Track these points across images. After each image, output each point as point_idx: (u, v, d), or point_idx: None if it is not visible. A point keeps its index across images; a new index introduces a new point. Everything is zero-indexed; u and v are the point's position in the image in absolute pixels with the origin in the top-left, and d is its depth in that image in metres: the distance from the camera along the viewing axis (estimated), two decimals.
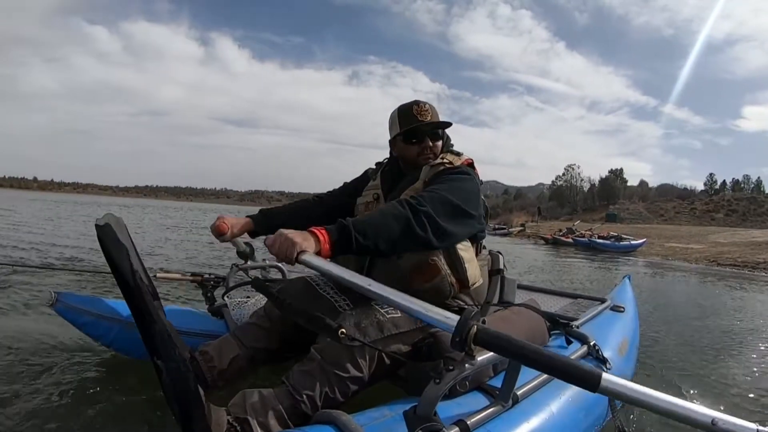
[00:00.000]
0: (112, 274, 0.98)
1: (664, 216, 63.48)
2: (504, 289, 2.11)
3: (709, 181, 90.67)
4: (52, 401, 1.99)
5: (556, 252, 19.26)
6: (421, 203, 1.57)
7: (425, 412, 1.17)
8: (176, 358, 1.05)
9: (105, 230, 0.96)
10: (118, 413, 1.94)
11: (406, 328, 1.59)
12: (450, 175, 1.78)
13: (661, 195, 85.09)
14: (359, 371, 1.49)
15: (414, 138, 1.90)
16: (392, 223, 1.51)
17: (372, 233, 1.48)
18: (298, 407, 1.40)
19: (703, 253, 18.79)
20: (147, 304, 1.01)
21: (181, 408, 1.11)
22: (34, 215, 16.30)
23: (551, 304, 2.88)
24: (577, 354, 1.89)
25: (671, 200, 74.13)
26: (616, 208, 69.08)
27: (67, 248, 7.46)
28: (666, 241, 26.48)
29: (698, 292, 8.07)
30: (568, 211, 78.40)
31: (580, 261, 14.84)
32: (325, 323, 1.32)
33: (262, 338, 1.79)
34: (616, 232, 25.22)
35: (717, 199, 69.08)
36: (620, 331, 2.49)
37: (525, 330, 1.85)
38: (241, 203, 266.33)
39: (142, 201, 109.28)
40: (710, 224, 51.99)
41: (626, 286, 3.57)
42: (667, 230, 38.16)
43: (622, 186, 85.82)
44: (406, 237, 1.53)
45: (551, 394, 1.61)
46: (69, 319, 2.13)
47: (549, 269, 11.14)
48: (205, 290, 2.67)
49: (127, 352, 2.22)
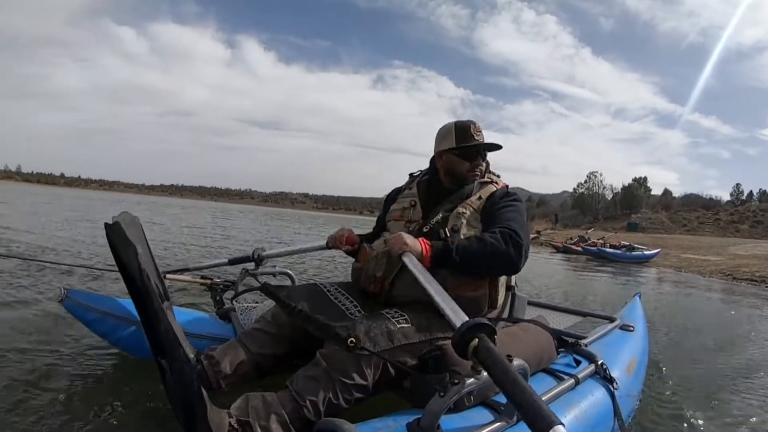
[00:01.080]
0: (120, 272, 0.99)
1: (687, 226, 62.28)
2: (514, 305, 2.12)
3: (735, 191, 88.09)
4: (57, 398, 2.00)
5: (564, 261, 18.76)
6: (519, 237, 1.74)
7: (429, 424, 1.17)
8: (180, 358, 1.05)
9: (114, 229, 0.96)
10: (121, 412, 1.94)
11: (415, 339, 1.59)
12: (513, 202, 1.96)
13: (686, 205, 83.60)
14: (364, 380, 1.48)
15: (468, 155, 2.03)
16: (491, 254, 1.71)
17: (470, 259, 1.71)
18: (301, 412, 1.40)
19: (719, 266, 17.61)
20: (153, 304, 1.01)
21: (183, 408, 1.11)
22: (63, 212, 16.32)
23: (560, 322, 2.86)
24: (585, 373, 1.88)
25: (695, 210, 72.56)
26: (638, 217, 68.05)
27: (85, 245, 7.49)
28: (683, 252, 25.62)
29: (707, 311, 7.77)
30: (590, 219, 77.54)
31: (586, 271, 14.35)
32: (335, 331, 1.33)
33: (268, 344, 1.78)
34: (629, 241, 24.64)
35: (742, 210, 67.60)
36: (629, 350, 2.47)
37: (532, 346, 1.84)
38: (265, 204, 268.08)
39: (167, 199, 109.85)
40: (734, 235, 50.93)
41: (636, 305, 3.54)
42: (685, 240, 37.28)
43: (645, 195, 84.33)
44: (500, 266, 1.79)
45: (558, 412, 1.58)
46: (77, 315, 2.14)
47: (547, 279, 10.64)
48: (214, 294, 2.68)
49: (133, 351, 2.22)
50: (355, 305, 1.77)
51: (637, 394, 2.33)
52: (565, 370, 1.90)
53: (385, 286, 1.87)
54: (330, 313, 1.70)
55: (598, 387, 1.88)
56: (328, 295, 1.84)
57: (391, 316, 1.61)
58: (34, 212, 14.66)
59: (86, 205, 24.84)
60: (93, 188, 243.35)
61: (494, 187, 2.04)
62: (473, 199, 1.99)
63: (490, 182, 2.07)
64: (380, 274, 1.88)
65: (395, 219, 2.08)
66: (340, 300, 1.81)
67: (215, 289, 2.75)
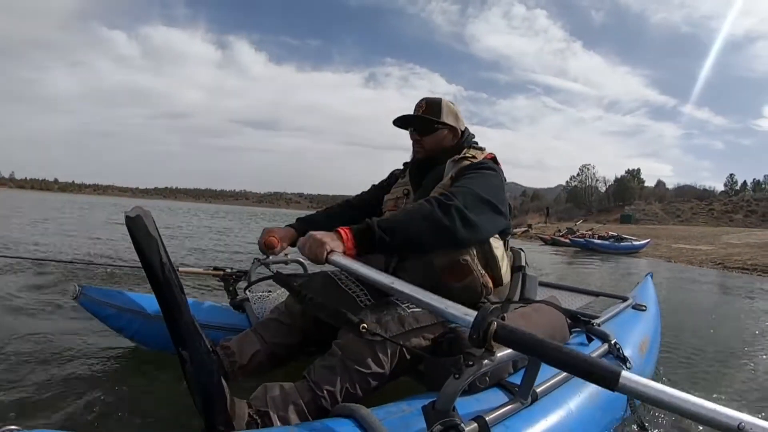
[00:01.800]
0: (142, 266, 1.00)
1: (681, 217, 62.68)
2: (525, 286, 2.11)
3: (729, 181, 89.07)
4: (75, 392, 2.02)
5: (552, 253, 18.14)
6: (449, 198, 1.59)
7: (444, 407, 1.17)
8: (201, 349, 1.07)
9: (136, 222, 0.97)
10: (139, 404, 1.96)
11: (427, 322, 1.59)
12: (476, 170, 1.81)
13: (679, 196, 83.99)
14: (380, 367, 1.49)
15: (403, 126, 2.07)
16: (418, 220, 1.54)
17: (398, 232, 1.52)
18: (319, 402, 1.41)
19: (710, 255, 17.11)
20: (176, 296, 1.02)
21: (203, 398, 1.12)
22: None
23: (572, 302, 2.87)
24: (598, 352, 1.88)
25: (688, 201, 73.12)
26: (631, 209, 68.50)
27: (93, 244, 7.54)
28: (674, 242, 25.36)
29: (694, 301, 7.48)
30: (584, 212, 77.41)
31: (572, 263, 13.93)
32: (346, 318, 1.34)
33: (282, 333, 1.80)
34: (620, 233, 23.90)
35: (736, 200, 67.88)
36: (641, 330, 2.47)
37: (545, 327, 1.84)
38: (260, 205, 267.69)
39: (162, 203, 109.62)
40: (728, 225, 50.90)
41: (648, 284, 3.54)
42: (677, 231, 37.14)
43: (638, 187, 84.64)
44: (434, 233, 1.56)
45: (570, 391, 1.60)
46: (92, 311, 2.17)
47: (532, 272, 10.32)
48: (227, 284, 2.69)
49: (148, 344, 2.25)
50: (365, 293, 1.78)
51: (650, 373, 2.34)
52: (578, 349, 1.91)
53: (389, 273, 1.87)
54: (341, 301, 1.71)
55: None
56: (339, 283, 1.85)
57: (401, 301, 1.61)
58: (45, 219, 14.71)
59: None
60: (87, 193, 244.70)
61: (468, 162, 1.90)
62: (445, 180, 1.88)
63: (464, 158, 1.93)
64: (382, 263, 1.88)
65: (390, 209, 2.08)
66: (351, 288, 1.82)
67: (228, 279, 2.76)
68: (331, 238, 1.47)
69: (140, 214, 0.98)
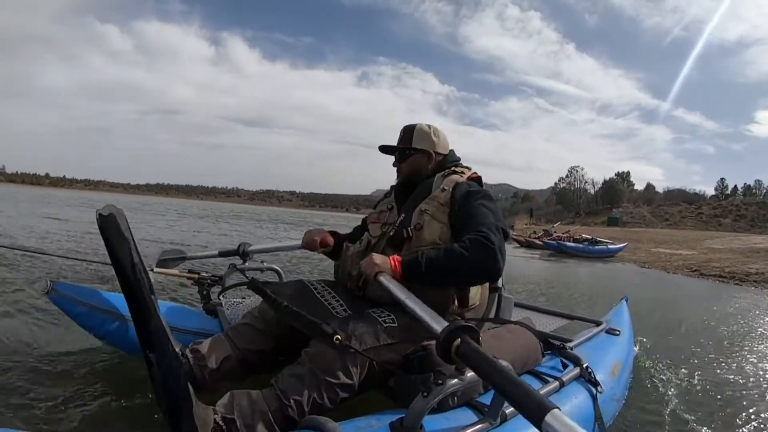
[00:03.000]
0: (113, 265, 0.99)
1: (669, 221, 62.20)
2: (501, 306, 2.13)
3: (719, 185, 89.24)
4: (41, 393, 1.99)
5: (522, 256, 17.46)
6: (491, 241, 1.69)
7: (412, 424, 1.18)
8: (169, 353, 1.06)
9: (108, 220, 0.96)
10: (107, 406, 1.94)
11: (401, 338, 1.60)
12: (484, 200, 1.89)
13: (668, 199, 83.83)
14: (349, 378, 1.48)
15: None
16: (463, 267, 1.67)
17: (439, 271, 1.67)
18: (285, 411, 1.40)
19: (688, 260, 16.18)
20: (145, 298, 1.01)
21: (169, 403, 1.11)
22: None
23: (547, 324, 2.88)
24: (570, 375, 1.89)
25: (677, 204, 72.75)
26: (619, 211, 68.14)
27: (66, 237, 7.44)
28: (655, 245, 24.49)
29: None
30: (572, 214, 78.10)
31: (536, 267, 13.55)
32: (321, 328, 1.34)
33: (255, 339, 1.78)
34: (602, 236, 23.39)
35: (725, 204, 67.58)
36: (614, 354, 2.49)
37: (518, 349, 1.85)
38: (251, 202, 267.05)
39: (153, 199, 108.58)
40: (717, 229, 50.47)
41: (623, 309, 3.57)
42: (660, 234, 36.68)
43: (627, 189, 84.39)
44: (475, 275, 1.75)
45: None
46: (63, 308, 2.13)
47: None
48: (201, 288, 2.67)
49: (119, 345, 2.21)
50: (341, 303, 1.78)
51: (620, 397, 2.35)
52: (550, 372, 1.92)
53: (360, 284, 1.89)
54: (316, 310, 1.71)
55: (582, 390, 1.90)
56: (314, 292, 1.85)
57: (377, 315, 1.63)
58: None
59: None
60: (78, 188, 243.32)
61: (459, 178, 2.03)
62: (437, 192, 1.98)
63: (452, 173, 2.07)
64: (355, 273, 1.90)
65: (373, 222, 2.12)
66: (326, 298, 1.82)
67: (202, 283, 2.74)
68: (384, 261, 1.70)
69: (113, 212, 0.97)
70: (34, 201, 23.14)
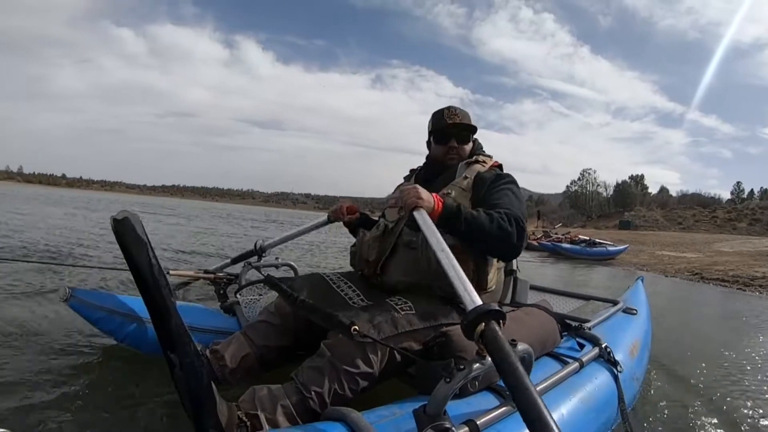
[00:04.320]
0: (129, 269, 0.99)
1: (683, 224, 60.99)
2: (516, 289, 2.13)
3: (736, 189, 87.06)
4: (67, 398, 1.99)
5: (524, 258, 16.95)
6: (522, 224, 1.73)
7: (435, 410, 1.17)
8: (191, 353, 1.06)
9: (124, 224, 0.97)
10: (131, 408, 1.94)
11: (420, 326, 1.60)
12: (510, 185, 1.93)
13: (683, 203, 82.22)
14: (369, 368, 1.49)
15: (441, 139, 2.06)
16: (495, 227, 1.67)
17: (474, 227, 1.66)
18: (307, 404, 1.41)
19: (692, 263, 15.12)
20: (165, 299, 1.02)
21: (193, 402, 1.11)
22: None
23: (563, 306, 2.88)
24: (589, 356, 1.89)
25: (691, 208, 71.36)
26: (631, 215, 67.16)
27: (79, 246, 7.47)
28: (661, 248, 23.33)
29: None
30: (585, 218, 76.97)
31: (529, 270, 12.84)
32: (338, 320, 1.35)
33: (272, 336, 1.80)
34: (597, 237, 22.29)
35: (741, 208, 66.28)
36: (632, 333, 2.48)
37: (537, 330, 1.85)
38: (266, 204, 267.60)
39: (170, 200, 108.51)
40: (731, 233, 49.32)
41: (639, 288, 3.56)
42: (668, 237, 35.69)
43: (640, 193, 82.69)
44: (500, 241, 1.69)
45: (562, 395, 1.60)
46: (83, 314, 2.15)
47: None
48: (218, 287, 2.69)
49: (139, 347, 2.22)
50: (358, 294, 1.79)
51: (640, 377, 2.35)
52: (569, 353, 1.91)
53: (378, 269, 1.89)
54: (333, 302, 1.72)
55: (602, 370, 1.90)
56: (331, 284, 1.86)
57: (395, 303, 1.63)
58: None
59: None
60: (95, 189, 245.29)
61: (481, 167, 2.04)
62: (459, 179, 1.99)
63: (475, 162, 2.07)
64: (372, 258, 1.90)
65: (390, 206, 2.09)
66: (342, 289, 1.82)
67: (218, 283, 2.75)
68: (428, 198, 1.65)
69: (128, 216, 0.98)
70: (55, 202, 23.09)
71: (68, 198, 37.52)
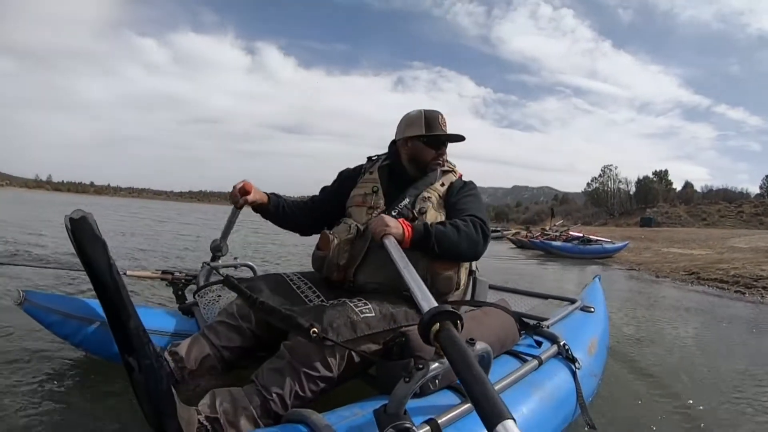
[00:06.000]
0: (85, 268, 0.98)
1: (707, 220, 58.75)
2: (476, 289, 2.16)
3: (765, 183, 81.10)
4: (20, 405, 1.94)
5: (514, 256, 16.76)
6: (484, 224, 1.91)
7: (395, 410, 1.18)
8: (150, 354, 1.05)
9: (81, 224, 0.95)
10: (88, 414, 1.91)
11: (379, 328, 1.62)
12: (474, 191, 2.14)
13: (708, 198, 78.70)
14: (329, 370, 1.50)
15: (435, 144, 2.11)
16: (464, 242, 1.84)
17: (445, 243, 1.80)
18: (268, 406, 1.41)
19: (695, 261, 13.37)
20: (123, 299, 1.01)
21: (152, 407, 1.10)
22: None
23: (522, 304, 2.91)
24: (548, 353, 1.93)
25: (716, 203, 68.14)
26: (653, 211, 65.43)
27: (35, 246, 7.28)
28: (669, 245, 21.06)
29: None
30: (606, 215, 76.09)
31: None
32: (297, 322, 1.34)
33: (232, 337, 1.78)
34: (608, 236, 21.54)
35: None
36: (590, 331, 2.54)
37: (495, 329, 1.87)
38: None
39: (197, 206, 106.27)
40: (758, 228, 46.94)
41: (596, 286, 3.62)
42: (681, 233, 33.32)
43: (664, 189, 79.25)
44: (470, 251, 1.89)
45: (522, 393, 1.63)
46: (37, 318, 2.09)
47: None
48: (176, 288, 2.65)
49: (97, 352, 2.18)
50: (318, 295, 1.80)
51: (598, 373, 2.39)
52: (528, 351, 1.94)
53: (349, 275, 1.90)
54: (292, 303, 1.73)
55: (561, 367, 1.93)
56: (291, 285, 1.86)
57: (354, 305, 1.63)
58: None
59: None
60: (122, 195, 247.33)
61: (454, 176, 2.18)
62: (437, 185, 2.09)
63: (450, 171, 2.17)
64: (344, 263, 1.90)
65: (357, 204, 2.10)
66: (302, 290, 1.83)
67: (176, 283, 2.72)
68: (396, 226, 1.76)
69: (84, 215, 0.96)
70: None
71: (112, 205, 36.61)
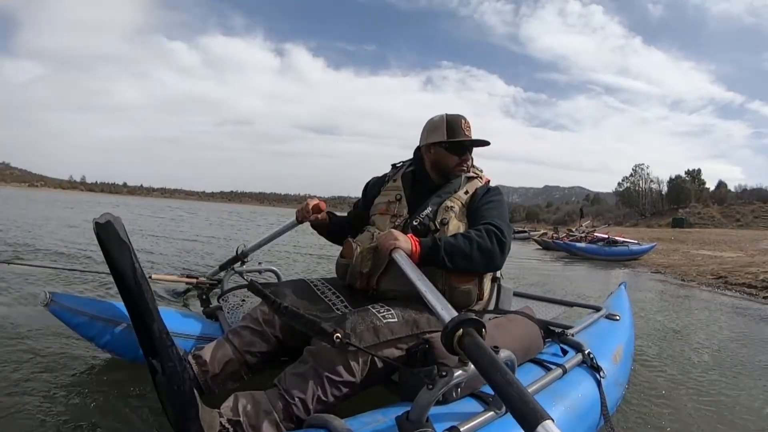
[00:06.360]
0: (111, 273, 0.98)
1: (741, 221, 57.17)
2: (500, 296, 2.14)
3: None
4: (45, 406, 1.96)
5: (538, 258, 16.42)
6: (504, 235, 1.81)
7: (417, 417, 1.18)
8: (173, 358, 1.06)
9: (106, 228, 0.96)
10: (112, 416, 1.92)
11: (402, 334, 1.61)
12: (497, 197, 2.04)
13: (742, 198, 75.65)
14: (352, 375, 1.49)
15: (457, 149, 2.07)
16: (477, 254, 1.77)
17: (457, 258, 1.76)
18: (290, 410, 1.41)
19: (725, 264, 12.74)
20: (147, 303, 1.01)
21: (175, 409, 1.11)
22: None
23: (546, 312, 2.88)
24: (572, 362, 1.90)
25: (750, 203, 66.14)
26: (686, 212, 63.82)
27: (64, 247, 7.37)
28: (699, 247, 20.90)
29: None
30: (637, 215, 74.45)
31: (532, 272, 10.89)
32: (320, 327, 1.34)
33: (255, 341, 1.78)
34: (636, 238, 20.94)
35: None
36: (615, 339, 2.49)
37: (520, 337, 1.86)
38: None
39: (230, 206, 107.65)
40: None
41: (622, 294, 3.57)
42: (713, 234, 33.24)
43: (696, 188, 76.21)
44: (485, 263, 1.81)
45: (546, 400, 1.60)
46: (63, 319, 2.12)
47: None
48: (201, 292, 2.67)
49: (122, 354, 2.20)
50: (342, 300, 1.79)
51: (623, 382, 2.36)
52: (552, 359, 1.92)
53: (372, 282, 1.89)
54: (316, 308, 1.73)
55: (586, 376, 1.90)
56: (315, 290, 1.86)
57: (377, 311, 1.63)
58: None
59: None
60: (155, 196, 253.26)
61: (479, 182, 2.11)
62: (460, 193, 2.04)
63: (475, 177, 2.12)
64: (366, 271, 1.89)
65: (380, 213, 2.09)
66: (326, 295, 1.83)
67: (201, 288, 2.73)
68: (405, 240, 1.74)
69: (110, 220, 0.97)
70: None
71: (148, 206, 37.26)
